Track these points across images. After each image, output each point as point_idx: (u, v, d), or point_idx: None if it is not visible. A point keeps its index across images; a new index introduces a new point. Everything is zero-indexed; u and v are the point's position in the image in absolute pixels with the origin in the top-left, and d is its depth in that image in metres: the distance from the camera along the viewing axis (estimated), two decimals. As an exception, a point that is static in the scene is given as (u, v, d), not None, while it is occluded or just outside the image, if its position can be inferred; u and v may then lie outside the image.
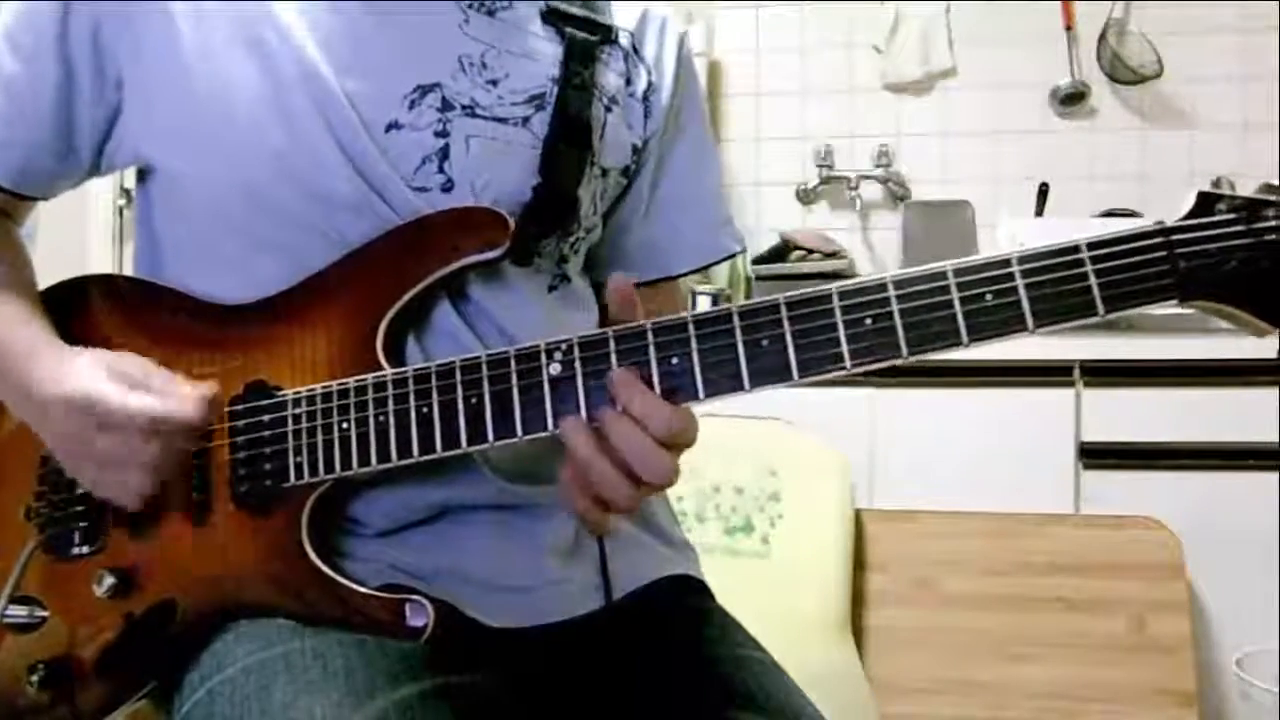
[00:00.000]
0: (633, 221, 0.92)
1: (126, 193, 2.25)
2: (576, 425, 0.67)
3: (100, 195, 2.21)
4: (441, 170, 0.78)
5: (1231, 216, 0.62)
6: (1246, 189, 0.60)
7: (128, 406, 0.70)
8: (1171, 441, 1.93)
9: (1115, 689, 1.79)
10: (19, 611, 0.80)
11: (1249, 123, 2.41)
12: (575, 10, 0.86)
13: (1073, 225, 2.27)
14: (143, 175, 0.84)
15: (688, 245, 0.94)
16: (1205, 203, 0.63)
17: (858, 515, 1.91)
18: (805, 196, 2.57)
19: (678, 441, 0.67)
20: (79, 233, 2.17)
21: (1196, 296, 0.62)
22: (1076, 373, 1.96)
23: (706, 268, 0.98)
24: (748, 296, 2.35)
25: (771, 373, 0.65)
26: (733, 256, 0.98)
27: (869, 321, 0.64)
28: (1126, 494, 1.91)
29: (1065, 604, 1.85)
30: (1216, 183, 2.27)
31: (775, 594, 1.73)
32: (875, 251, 2.57)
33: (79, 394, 0.72)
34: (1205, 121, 2.44)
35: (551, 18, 0.85)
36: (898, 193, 2.52)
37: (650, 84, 0.89)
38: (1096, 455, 1.96)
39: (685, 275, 0.96)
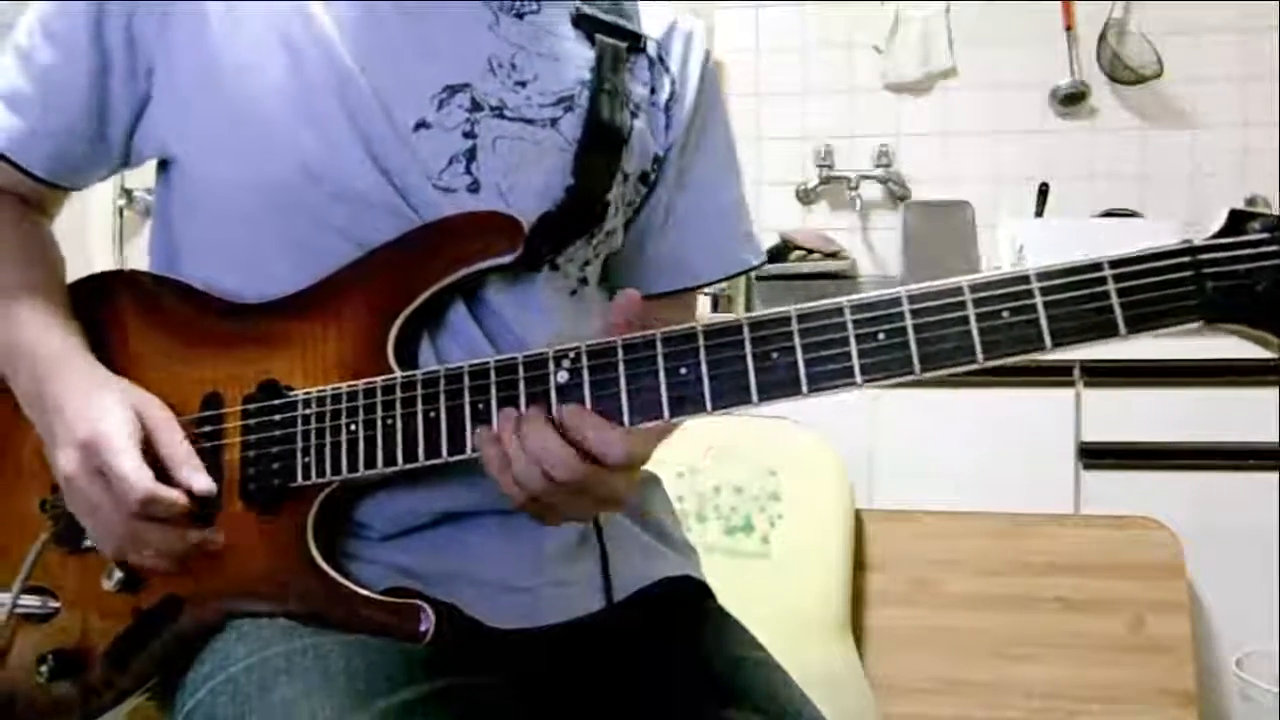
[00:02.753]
0: (652, 232, 0.92)
1: (127, 193, 2.25)
2: (488, 437, 0.68)
3: (100, 196, 2.21)
4: (468, 171, 0.78)
5: (1264, 236, 0.58)
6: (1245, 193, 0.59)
7: (127, 473, 0.70)
8: (1171, 441, 1.93)
9: (1115, 689, 1.79)
10: (32, 601, 0.81)
11: (1249, 123, 2.41)
12: (604, 16, 0.86)
13: (1073, 225, 2.28)
14: (164, 168, 0.85)
15: (706, 257, 0.94)
16: (1236, 221, 0.59)
17: (858, 515, 1.91)
18: (805, 196, 2.57)
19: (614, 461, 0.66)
20: (79, 233, 2.17)
21: (1222, 318, 0.59)
22: (1076, 373, 1.96)
23: (724, 280, 0.97)
24: (748, 296, 2.35)
25: (780, 386, 0.64)
26: (751, 270, 0.97)
27: (882, 337, 0.62)
28: (1126, 494, 1.91)
29: (1065, 604, 1.85)
30: (1251, 200, 2.28)
31: (775, 594, 1.73)
32: (875, 251, 2.57)
33: (85, 433, 0.72)
34: (1205, 121, 2.44)
35: (581, 22, 0.85)
36: (898, 193, 2.52)
37: (673, 94, 0.89)
38: (1096, 455, 1.96)
39: (703, 287, 0.95)
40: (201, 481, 0.74)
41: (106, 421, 0.73)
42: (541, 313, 0.80)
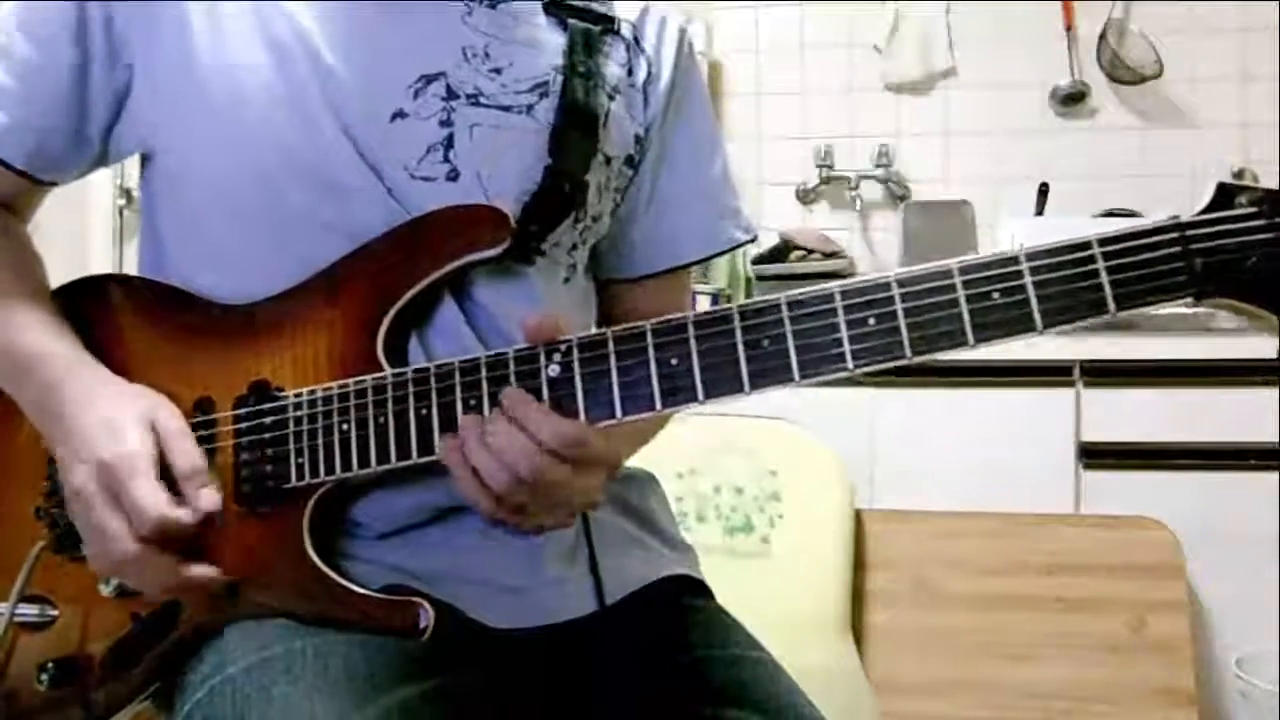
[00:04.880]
0: (636, 213, 0.92)
1: (126, 193, 2.25)
2: (451, 445, 0.67)
3: (100, 195, 2.21)
4: (446, 159, 0.78)
5: (1252, 210, 0.58)
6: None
7: (144, 499, 0.70)
8: (1171, 441, 1.93)
9: (1115, 689, 1.79)
10: (29, 610, 0.80)
11: (1249, 123, 2.41)
12: (576, 1, 0.86)
13: (1073, 225, 2.27)
14: (147, 166, 0.85)
15: (692, 235, 0.94)
16: (1224, 195, 0.59)
17: (858, 515, 1.91)
18: (805, 196, 2.57)
19: (573, 455, 0.66)
20: (79, 233, 2.17)
21: (1212, 294, 0.59)
22: (1076, 373, 1.96)
23: (713, 257, 0.97)
24: (748, 296, 2.34)
25: (772, 374, 0.64)
26: (740, 246, 0.97)
27: (872, 321, 0.62)
28: (1126, 494, 1.91)
29: (1065, 604, 1.85)
30: (1239, 174, 2.27)
31: (775, 594, 1.73)
32: (875, 251, 2.57)
33: (105, 455, 0.71)
34: (1205, 121, 2.44)
35: (554, 8, 0.85)
36: (898, 193, 2.52)
37: (650, 74, 0.89)
38: (1096, 455, 1.96)
39: (691, 265, 0.95)
40: (207, 500, 0.73)
41: (128, 442, 0.72)
42: (534, 303, 0.80)
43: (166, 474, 0.72)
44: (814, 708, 0.81)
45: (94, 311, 0.84)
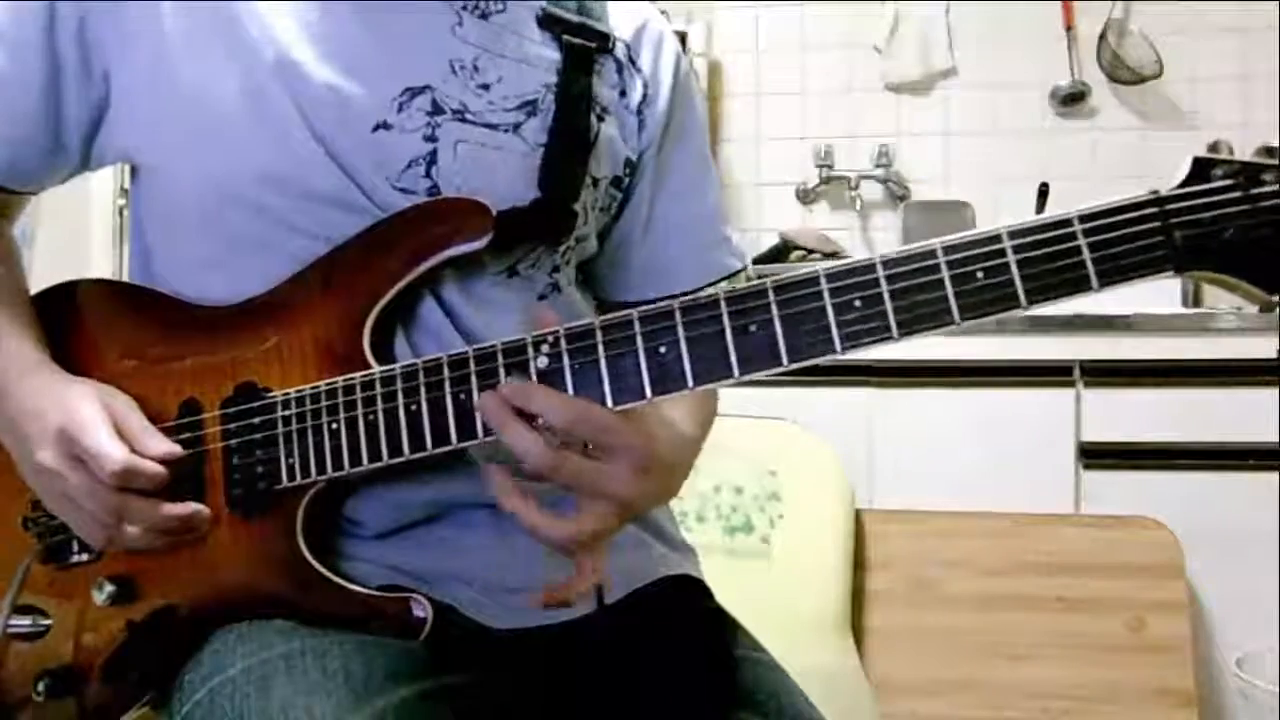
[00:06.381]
0: (632, 239, 0.91)
1: (127, 193, 2.25)
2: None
3: (100, 195, 2.21)
4: (428, 175, 0.77)
5: (1228, 183, 0.59)
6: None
7: (103, 446, 0.71)
8: (1171, 441, 1.93)
9: (1115, 689, 1.79)
10: (22, 621, 0.80)
11: (1249, 123, 2.41)
12: (572, 16, 0.85)
13: (1073, 225, 2.27)
14: (135, 171, 0.84)
15: (687, 264, 0.92)
16: (1200, 169, 0.60)
17: (858, 515, 1.91)
18: (805, 196, 2.57)
19: (580, 434, 0.65)
20: (79, 233, 2.17)
21: (1193, 267, 0.60)
22: (1076, 373, 1.96)
23: (707, 287, 0.95)
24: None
25: (760, 359, 0.64)
26: (734, 275, 0.95)
27: (858, 303, 0.63)
28: (1126, 494, 1.91)
29: (1065, 604, 1.85)
30: (1214, 146, 2.26)
31: (775, 594, 1.73)
32: (875, 251, 2.55)
33: (60, 423, 0.73)
34: (1205, 121, 2.43)
35: (548, 23, 0.84)
36: (898, 193, 2.52)
37: (645, 96, 0.88)
38: (1096, 455, 1.96)
39: (686, 295, 0.94)
40: (161, 445, 0.74)
41: (79, 410, 0.73)
42: (508, 315, 0.79)
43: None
44: (814, 708, 0.81)
45: (75, 316, 0.84)
